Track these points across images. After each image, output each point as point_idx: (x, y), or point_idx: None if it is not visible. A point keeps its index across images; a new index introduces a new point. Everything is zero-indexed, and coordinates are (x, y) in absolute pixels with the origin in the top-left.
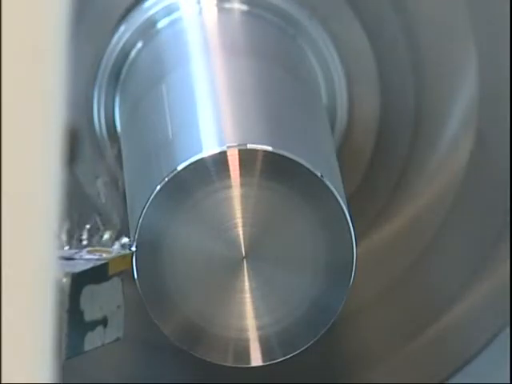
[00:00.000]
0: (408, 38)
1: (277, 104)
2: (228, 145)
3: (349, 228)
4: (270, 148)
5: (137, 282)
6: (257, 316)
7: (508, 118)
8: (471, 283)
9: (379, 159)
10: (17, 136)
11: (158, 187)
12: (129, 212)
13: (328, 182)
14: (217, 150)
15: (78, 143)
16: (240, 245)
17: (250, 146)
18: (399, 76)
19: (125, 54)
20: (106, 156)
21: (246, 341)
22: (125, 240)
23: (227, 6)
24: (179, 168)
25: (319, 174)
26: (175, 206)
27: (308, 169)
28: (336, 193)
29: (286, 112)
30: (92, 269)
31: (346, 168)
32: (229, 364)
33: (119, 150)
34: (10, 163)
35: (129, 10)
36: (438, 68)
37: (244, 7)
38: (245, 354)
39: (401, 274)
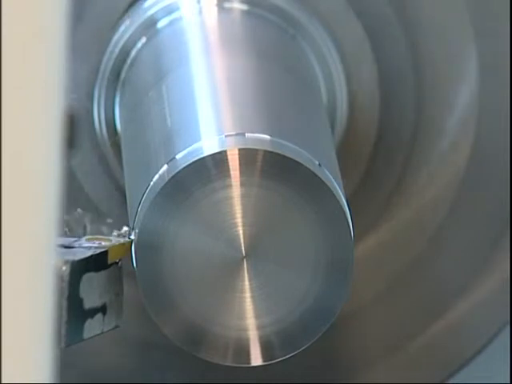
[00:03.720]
0: (408, 38)
1: (276, 100)
2: (226, 134)
3: (348, 227)
4: (268, 137)
5: (137, 281)
6: (257, 316)
7: (508, 117)
8: (471, 283)
9: (379, 159)
10: (16, 121)
11: (156, 179)
12: (128, 205)
13: (327, 182)
14: (215, 139)
15: (76, 128)
16: (240, 244)
17: (248, 135)
18: (399, 76)
19: (125, 53)
20: (106, 155)
21: (246, 340)
22: (124, 228)
23: (227, 5)
24: (179, 167)
25: (317, 163)
26: (175, 206)
27: (308, 168)
28: (335, 192)
29: (285, 108)
30: (91, 257)
31: (345, 167)
32: (229, 363)
33: (119, 150)
34: (9, 150)
35: (129, 10)
36: (438, 68)
37: (244, 7)
38: (245, 353)
39: (401, 273)
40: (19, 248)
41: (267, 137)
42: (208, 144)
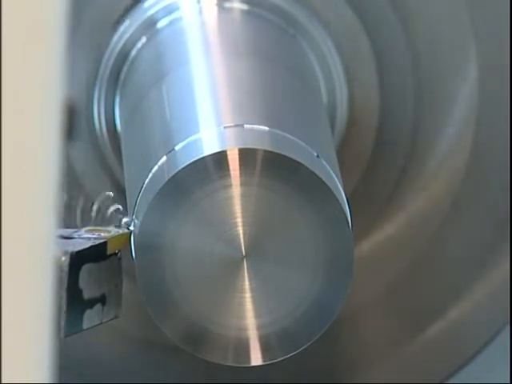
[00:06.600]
0: (408, 38)
1: (276, 96)
2: (225, 125)
3: (348, 227)
4: (266, 128)
5: (137, 281)
6: (257, 315)
7: (508, 117)
8: (471, 283)
9: (379, 159)
10: (16, 112)
11: (155, 170)
12: (127, 196)
13: (327, 181)
14: (214, 130)
15: (75, 120)
16: (240, 244)
17: (246, 126)
18: (399, 76)
19: (125, 53)
20: (106, 155)
21: (246, 340)
22: (124, 220)
23: (227, 5)
24: (179, 167)
25: (315, 154)
26: (175, 206)
27: (308, 168)
28: (336, 192)
29: (284, 103)
30: (91, 248)
31: (345, 168)
32: (229, 363)
33: (119, 150)
34: (9, 141)
35: (128, 10)
36: (438, 68)
37: (244, 6)
38: (245, 353)
39: (401, 273)
40: (19, 239)
41: (266, 128)
42: (207, 135)
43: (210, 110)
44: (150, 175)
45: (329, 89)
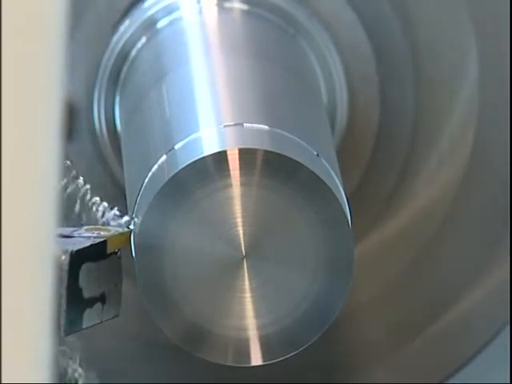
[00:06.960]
0: (408, 37)
1: (275, 95)
2: (225, 124)
3: (348, 227)
4: (266, 127)
5: (137, 281)
6: (257, 315)
7: (508, 117)
8: (471, 283)
9: (379, 159)
10: (16, 111)
11: (155, 169)
12: (127, 195)
13: (327, 180)
14: (214, 129)
15: (75, 121)
16: (240, 244)
17: (246, 125)
18: (399, 76)
19: (125, 53)
20: (106, 155)
21: (246, 340)
22: (124, 218)
23: (227, 5)
24: (179, 167)
25: (315, 153)
26: (175, 206)
27: (308, 168)
28: (336, 192)
29: (284, 102)
30: (91, 246)
31: (345, 168)
32: (229, 363)
33: (119, 150)
34: (9, 140)
35: (129, 10)
36: (438, 68)
37: (244, 7)
38: (245, 353)
39: (401, 273)
40: (19, 238)
41: (266, 127)
42: (206, 134)
43: (210, 109)
44: (150, 174)
45: (329, 89)
